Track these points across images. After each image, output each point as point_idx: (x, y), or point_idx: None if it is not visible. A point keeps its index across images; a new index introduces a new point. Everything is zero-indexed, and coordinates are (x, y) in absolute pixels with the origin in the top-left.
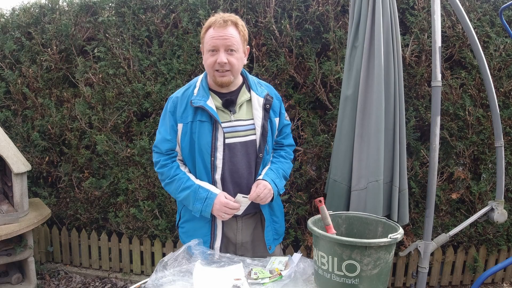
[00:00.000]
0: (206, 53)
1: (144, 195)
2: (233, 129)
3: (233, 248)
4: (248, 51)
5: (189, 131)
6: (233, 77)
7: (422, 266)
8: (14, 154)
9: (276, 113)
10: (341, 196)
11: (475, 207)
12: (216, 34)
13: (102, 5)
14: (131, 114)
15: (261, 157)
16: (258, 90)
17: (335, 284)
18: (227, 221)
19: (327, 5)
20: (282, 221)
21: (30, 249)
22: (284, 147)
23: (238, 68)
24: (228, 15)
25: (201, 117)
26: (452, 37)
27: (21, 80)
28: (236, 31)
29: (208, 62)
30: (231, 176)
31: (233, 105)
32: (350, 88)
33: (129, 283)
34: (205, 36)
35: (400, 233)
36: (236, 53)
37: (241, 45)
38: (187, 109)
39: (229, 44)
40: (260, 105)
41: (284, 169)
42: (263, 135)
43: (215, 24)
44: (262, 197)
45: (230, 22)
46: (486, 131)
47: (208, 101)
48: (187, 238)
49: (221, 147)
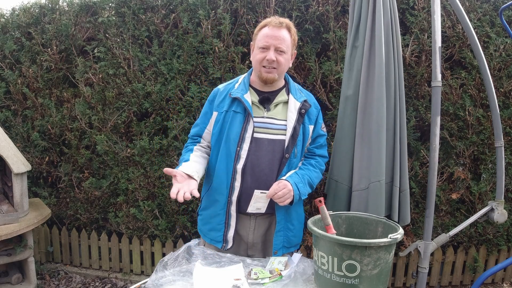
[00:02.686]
0: (256, 49)
1: (144, 195)
2: (264, 125)
3: (245, 246)
4: (295, 55)
5: (221, 120)
6: (278, 76)
7: (422, 266)
8: (14, 154)
9: (312, 120)
10: (342, 196)
11: (475, 207)
12: (270, 33)
13: (102, 5)
14: (131, 114)
15: (287, 157)
16: (297, 95)
17: (335, 284)
18: (241, 218)
19: (327, 5)
20: (298, 232)
21: (30, 249)
22: (315, 156)
23: (284, 68)
24: (283, 19)
25: (236, 108)
26: (452, 37)
27: (21, 80)
28: (288, 34)
29: (257, 58)
30: (252, 169)
31: (269, 103)
32: (351, 88)
33: (129, 283)
34: (258, 33)
35: (400, 233)
36: (284, 54)
37: (290, 49)
38: (224, 100)
39: (280, 45)
40: (295, 109)
41: (311, 176)
42: (293, 136)
43: (271, 24)
44: (280, 195)
45: (285, 25)
46: (486, 131)
47: (246, 95)
48: (203, 225)
49: (249, 139)
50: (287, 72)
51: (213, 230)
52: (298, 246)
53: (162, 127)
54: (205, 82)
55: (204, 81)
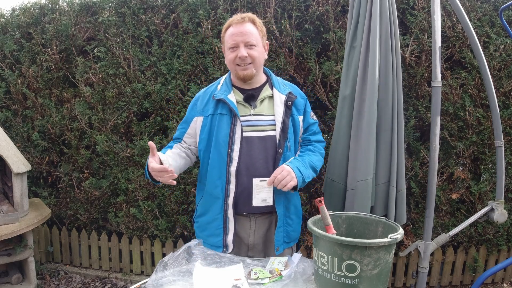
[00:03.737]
0: (227, 50)
1: (144, 195)
2: (252, 123)
3: (245, 248)
4: (268, 46)
5: (208, 124)
6: (255, 70)
7: (422, 266)
8: (14, 154)
9: (300, 111)
10: (339, 196)
11: (475, 207)
12: (235, 31)
13: (102, 5)
14: (131, 114)
15: (280, 152)
16: (280, 88)
17: (335, 284)
18: (240, 220)
19: (327, 5)
20: (297, 226)
21: (30, 249)
22: (311, 142)
23: (259, 61)
24: (245, 14)
25: (221, 110)
26: (452, 37)
27: (21, 80)
28: (254, 27)
29: (229, 58)
30: (246, 169)
31: (254, 100)
32: (348, 88)
33: (129, 283)
34: (225, 35)
35: (400, 233)
36: (256, 47)
37: (260, 40)
38: (208, 103)
39: (248, 40)
40: (281, 102)
41: (312, 160)
42: (283, 130)
43: (233, 22)
44: (280, 178)
45: (247, 19)
46: (486, 131)
47: (229, 95)
48: (200, 232)
49: (239, 139)
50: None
51: (212, 236)
52: (297, 240)
53: (162, 127)
54: (205, 82)
55: (204, 81)
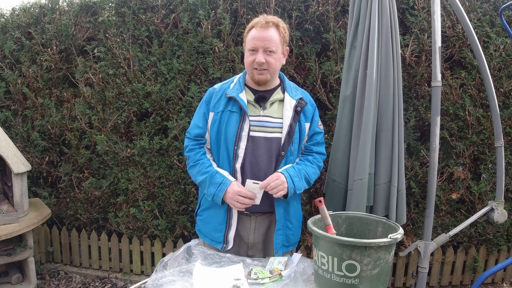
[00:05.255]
0: (247, 51)
1: (144, 195)
2: (260, 123)
3: (245, 247)
4: (288, 52)
5: (218, 120)
6: (270, 76)
7: (422, 266)
8: (14, 154)
9: (308, 118)
10: (340, 196)
11: (475, 207)
12: (257, 35)
13: (102, 5)
14: (131, 114)
15: (283, 155)
16: (292, 93)
17: (335, 284)
18: (241, 218)
19: (327, 5)
20: (296, 230)
21: (30, 249)
22: (313, 153)
23: (275, 67)
24: (271, 17)
25: (232, 108)
26: (452, 37)
27: (21, 80)
28: (276, 32)
29: (247, 61)
30: (250, 167)
31: (265, 101)
32: (349, 88)
33: (129, 283)
34: (247, 35)
35: (400, 233)
36: (274, 53)
37: (280, 47)
38: (220, 100)
39: (268, 46)
40: (291, 107)
41: (308, 172)
42: (289, 134)
43: (257, 25)
44: (273, 186)
45: (272, 24)
46: (486, 131)
47: (241, 94)
48: (203, 225)
49: (245, 137)
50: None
51: (214, 231)
52: (296, 244)
53: (162, 127)
54: (205, 82)
55: (204, 81)
